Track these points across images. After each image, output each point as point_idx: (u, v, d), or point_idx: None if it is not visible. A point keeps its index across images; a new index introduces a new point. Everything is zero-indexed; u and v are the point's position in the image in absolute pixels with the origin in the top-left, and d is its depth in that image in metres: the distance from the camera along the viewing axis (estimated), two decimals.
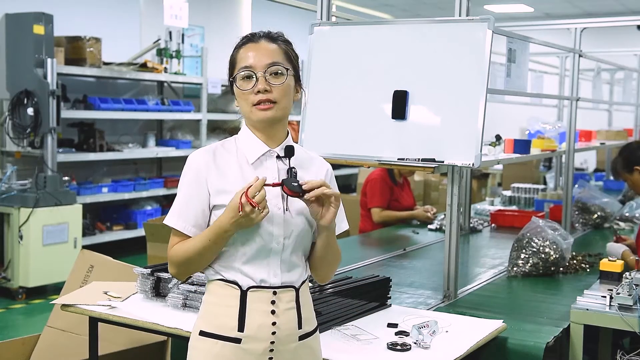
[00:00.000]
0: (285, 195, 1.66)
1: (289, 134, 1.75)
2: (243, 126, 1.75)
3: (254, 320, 1.64)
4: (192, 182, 1.67)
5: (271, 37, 1.70)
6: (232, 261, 1.66)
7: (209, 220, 1.67)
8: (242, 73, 1.66)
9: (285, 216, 1.66)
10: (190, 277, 2.38)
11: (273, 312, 1.65)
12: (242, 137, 1.73)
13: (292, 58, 1.72)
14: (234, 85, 1.69)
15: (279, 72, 1.67)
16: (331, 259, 1.76)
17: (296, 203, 1.67)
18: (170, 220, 1.68)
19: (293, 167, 1.68)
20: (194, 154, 1.70)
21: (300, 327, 1.69)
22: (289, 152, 1.70)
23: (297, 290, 1.70)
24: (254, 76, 1.66)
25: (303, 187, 1.61)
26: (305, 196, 1.61)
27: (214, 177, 1.65)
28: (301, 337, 1.70)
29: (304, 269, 1.73)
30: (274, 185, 1.63)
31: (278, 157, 1.70)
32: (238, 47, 1.70)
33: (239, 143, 1.72)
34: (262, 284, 1.65)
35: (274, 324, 1.65)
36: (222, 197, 1.64)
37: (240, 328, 1.63)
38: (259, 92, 1.65)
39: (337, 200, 1.64)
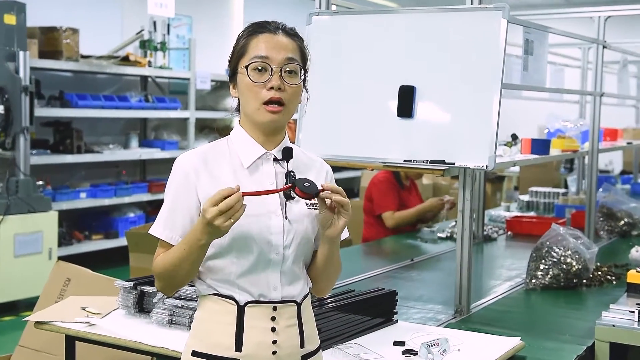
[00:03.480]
0: (285, 199, 1.66)
1: (286, 135, 1.76)
2: (236, 126, 1.75)
3: (253, 338, 1.64)
4: (180, 188, 1.66)
5: (287, 31, 1.71)
6: (227, 274, 1.65)
7: None
8: (256, 63, 1.65)
9: (285, 223, 1.66)
10: (178, 290, 2.38)
11: (273, 329, 1.65)
12: (235, 139, 1.72)
13: (306, 58, 1.73)
14: (242, 75, 1.67)
15: (295, 71, 1.68)
16: (332, 271, 1.76)
17: (296, 208, 1.68)
18: (155, 230, 1.68)
19: (292, 171, 1.68)
20: (182, 158, 1.69)
21: (302, 345, 1.69)
22: (287, 154, 1.70)
23: (298, 305, 1.70)
24: (269, 69, 1.66)
25: (323, 185, 1.60)
26: (321, 195, 1.60)
27: (205, 182, 1.65)
28: (304, 357, 1.70)
29: (305, 281, 1.73)
30: (284, 189, 1.61)
31: (275, 159, 1.70)
32: (250, 35, 1.69)
33: (232, 145, 1.72)
34: (261, 299, 1.65)
35: (274, 342, 1.65)
36: None
37: (238, 347, 1.63)
38: (271, 88, 1.65)
39: (348, 209, 1.63)
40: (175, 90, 7.94)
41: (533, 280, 3.31)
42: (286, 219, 1.66)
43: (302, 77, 1.70)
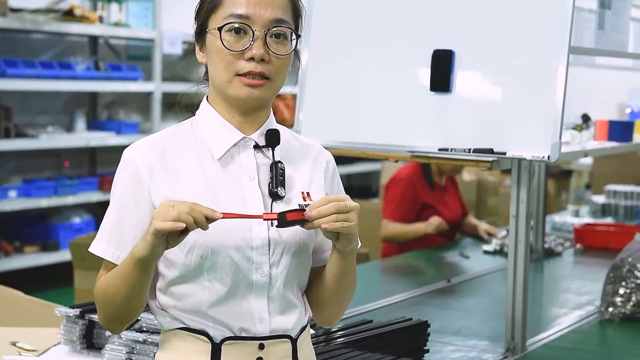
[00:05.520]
0: (272, 199, 1.66)
1: (271, 114, 1.76)
2: (204, 103, 1.75)
3: None
4: (129, 191, 1.66)
5: None
6: (197, 303, 1.66)
7: None
8: (234, 23, 1.65)
9: (271, 234, 1.66)
10: (139, 321, 2.39)
11: None
12: (203, 120, 1.73)
13: (299, 15, 1.73)
14: (212, 37, 1.67)
15: (284, 35, 1.68)
16: (347, 290, 1.76)
17: None
18: (97, 246, 1.67)
19: (279, 162, 1.68)
20: (131, 150, 1.69)
21: None
22: (273, 139, 1.70)
23: (293, 341, 1.70)
24: (250, 33, 1.65)
25: (306, 214, 1.58)
26: (306, 227, 1.60)
27: (163, 182, 1.65)
28: None
29: (302, 309, 1.74)
30: (266, 218, 1.60)
31: (257, 146, 1.71)
32: None
33: (198, 129, 1.72)
34: (243, 334, 1.66)
35: None
36: None
37: None
38: (251, 58, 1.64)
39: (348, 229, 1.59)
40: (135, 55, 7.94)
41: (610, 309, 3.30)
42: (273, 226, 1.66)
43: (294, 44, 1.70)
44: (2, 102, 6.57)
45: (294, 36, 1.70)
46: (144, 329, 2.43)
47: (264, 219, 1.61)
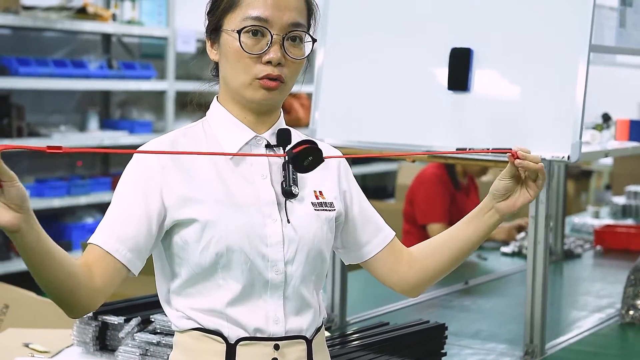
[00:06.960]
0: (285, 197, 1.68)
1: (282, 114, 1.77)
2: (214, 103, 1.76)
3: None
4: (138, 186, 1.65)
5: None
6: (212, 302, 1.67)
7: (170, 244, 1.67)
8: (252, 26, 1.66)
9: (286, 230, 1.67)
10: (152, 322, 2.39)
11: None
12: (214, 120, 1.74)
13: (312, 15, 1.74)
14: (229, 37, 1.68)
15: (299, 38, 1.69)
16: (458, 263, 1.87)
17: (300, 209, 1.69)
18: (99, 238, 1.62)
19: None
20: (144, 149, 1.69)
21: None
22: (284, 138, 1.71)
23: (309, 342, 1.71)
24: (268, 36, 1.66)
25: (514, 149, 1.71)
26: (516, 162, 1.72)
27: (176, 180, 1.65)
28: None
29: (317, 309, 1.75)
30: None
31: (268, 145, 1.72)
32: None
33: (209, 129, 1.74)
34: (258, 335, 1.67)
35: None
36: (189, 208, 1.64)
37: None
38: (268, 62, 1.66)
39: (542, 185, 1.76)
40: (148, 54, 7.96)
41: (631, 312, 3.29)
42: (288, 222, 1.67)
43: (309, 46, 1.72)
44: (15, 101, 6.60)
45: (308, 38, 1.72)
46: (158, 331, 2.44)
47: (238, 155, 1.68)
